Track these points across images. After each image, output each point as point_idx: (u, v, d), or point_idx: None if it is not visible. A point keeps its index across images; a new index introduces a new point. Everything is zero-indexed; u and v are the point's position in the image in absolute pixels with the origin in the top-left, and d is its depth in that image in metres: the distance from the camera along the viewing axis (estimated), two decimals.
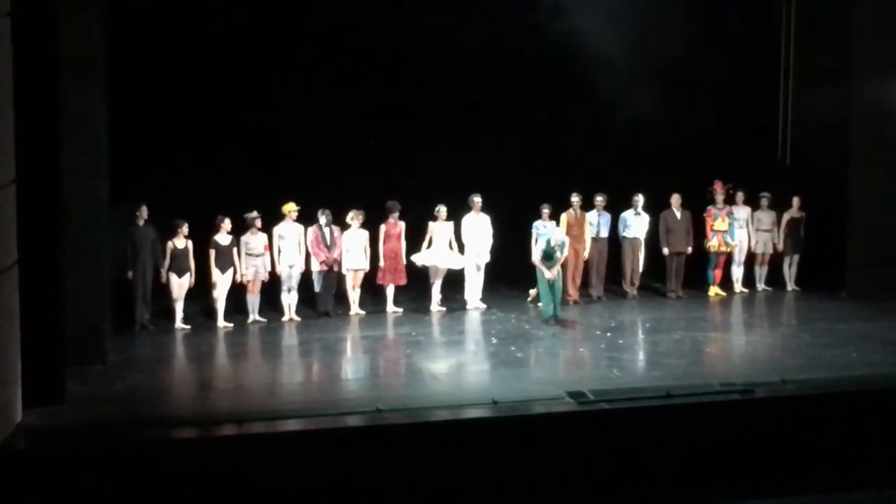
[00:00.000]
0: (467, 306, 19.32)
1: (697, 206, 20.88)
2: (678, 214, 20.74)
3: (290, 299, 18.70)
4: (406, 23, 20.40)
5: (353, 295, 19.15)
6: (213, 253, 18.06)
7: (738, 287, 21.34)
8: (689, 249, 20.82)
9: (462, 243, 19.31)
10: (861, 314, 18.76)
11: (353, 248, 18.87)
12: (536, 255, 18.72)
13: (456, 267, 19.34)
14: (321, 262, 18.66)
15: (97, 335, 15.33)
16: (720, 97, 21.73)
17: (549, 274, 18.41)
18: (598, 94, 20.89)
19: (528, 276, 19.18)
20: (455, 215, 19.32)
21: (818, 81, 21.33)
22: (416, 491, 11.66)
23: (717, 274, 21.11)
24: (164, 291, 18.04)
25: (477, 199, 19.45)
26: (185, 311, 18.12)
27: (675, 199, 20.77)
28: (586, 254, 20.16)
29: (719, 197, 20.78)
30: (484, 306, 19.37)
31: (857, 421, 12.77)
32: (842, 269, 20.54)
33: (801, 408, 13.11)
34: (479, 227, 19.43)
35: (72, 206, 13.66)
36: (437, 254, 19.20)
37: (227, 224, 18.14)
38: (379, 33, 20.57)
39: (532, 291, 19.35)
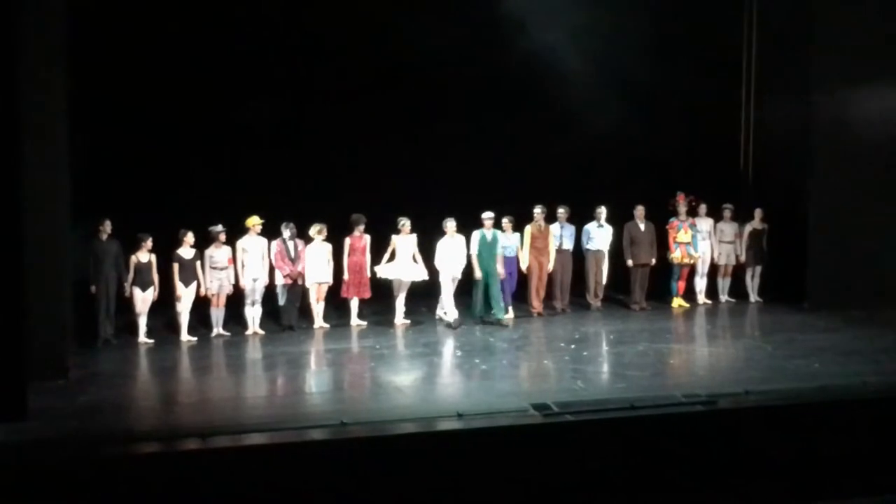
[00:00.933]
0: (450, 320, 19.16)
1: (661, 218, 20.98)
2: (642, 226, 20.84)
3: (254, 313, 18.68)
4: (372, 38, 20.45)
5: (317, 308, 19.15)
6: (176, 267, 18.02)
7: (701, 298, 21.47)
8: (653, 261, 20.93)
9: (436, 268, 19.33)
10: (822, 325, 18.89)
11: (316, 261, 18.86)
12: (474, 248, 19.28)
13: (419, 279, 19.35)
14: (285, 276, 18.65)
15: (59, 350, 15.25)
16: (683, 110, 21.88)
17: (477, 274, 19.05)
18: (561, 107, 21.05)
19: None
20: (418, 227, 19.33)
21: (779, 95, 21.56)
22: None
23: (681, 286, 21.23)
24: (127, 306, 18.00)
25: (451, 224, 19.29)
26: (148, 325, 18.07)
27: (639, 211, 20.88)
28: (550, 266, 20.21)
29: (682, 209, 20.90)
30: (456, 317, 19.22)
31: (819, 431, 12.83)
32: (803, 281, 20.66)
33: (763, 418, 13.16)
34: (454, 251, 19.30)
35: (33, 219, 13.58)
36: (400, 267, 19.20)
37: (189, 238, 18.11)
38: (343, 50, 20.57)
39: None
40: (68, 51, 15.75)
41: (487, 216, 19.52)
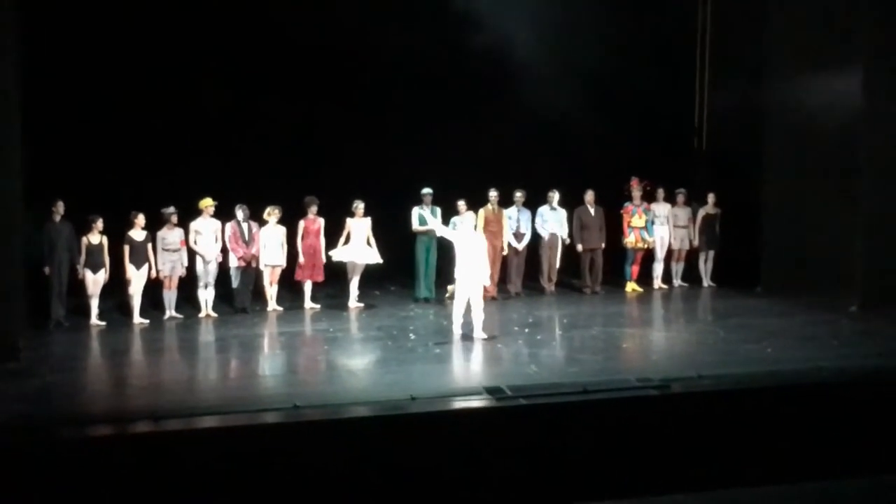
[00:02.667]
0: (454, 334, 16.91)
1: (616, 203, 21.09)
2: (592, 211, 20.91)
3: (206, 295, 18.64)
4: (326, 23, 20.36)
5: (271, 291, 19.14)
6: (127, 249, 17.93)
7: (657, 283, 21.54)
8: (603, 245, 21.01)
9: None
10: (775, 309, 18.96)
11: (270, 244, 18.84)
12: (415, 224, 19.78)
13: (373, 262, 19.34)
14: (239, 258, 18.60)
15: (10, 332, 15.16)
16: (637, 94, 21.91)
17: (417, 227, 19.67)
18: (515, 92, 21.07)
19: (447, 272, 19.24)
20: (372, 211, 19.34)
21: (733, 80, 21.72)
22: (333, 487, 11.63)
23: (635, 270, 21.33)
24: (79, 288, 17.89)
25: (468, 217, 17.98)
26: (100, 307, 18.01)
27: (589, 196, 20.98)
28: (513, 247, 20.32)
29: (636, 193, 21.00)
30: (485, 336, 16.84)
31: (771, 416, 12.88)
32: (757, 265, 20.77)
33: (716, 403, 13.19)
34: (474, 247, 17.14)
35: None
36: (354, 249, 19.18)
37: (140, 219, 18.03)
38: (295, 33, 20.45)
39: (450, 287, 19.37)
40: (20, 26, 15.63)
41: (426, 192, 19.87)
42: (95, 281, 17.84)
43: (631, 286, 21.31)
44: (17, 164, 15.48)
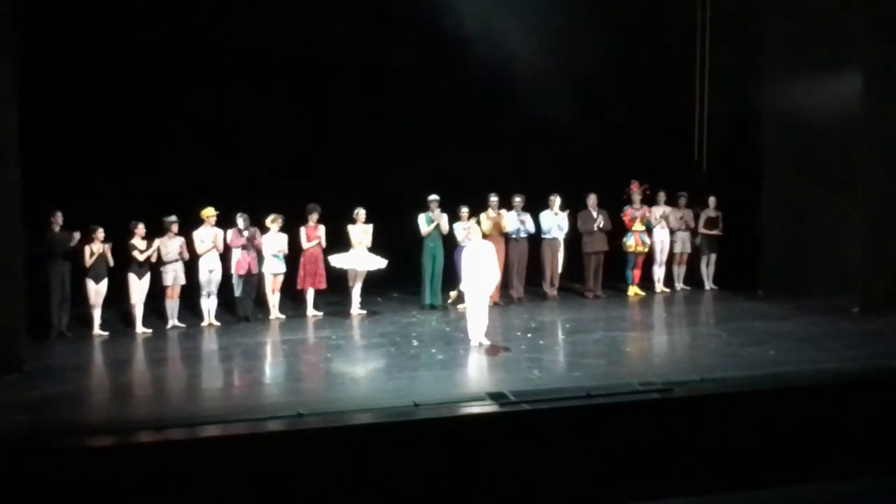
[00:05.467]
0: (472, 344, 16.69)
1: (619, 207, 21.11)
2: (595, 214, 20.87)
3: (209, 304, 18.62)
4: (327, 31, 20.26)
5: (273, 299, 19.11)
6: (137, 255, 17.95)
7: (659, 287, 21.53)
8: (606, 248, 21.00)
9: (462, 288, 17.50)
10: (777, 312, 18.97)
11: (271, 251, 18.82)
12: (423, 228, 19.73)
13: (375, 269, 19.33)
14: (241, 248, 18.53)
15: (13, 343, 15.12)
16: (637, 99, 21.93)
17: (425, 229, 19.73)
18: (515, 96, 21.02)
19: (450, 279, 19.23)
20: (375, 218, 19.35)
21: (732, 82, 21.66)
22: (337, 496, 11.62)
23: (636, 274, 21.32)
24: (81, 298, 17.87)
25: (475, 230, 17.58)
26: (102, 317, 17.98)
27: (592, 199, 20.97)
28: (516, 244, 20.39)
29: (636, 197, 20.99)
30: (488, 343, 16.78)
31: (773, 418, 12.87)
32: (758, 268, 20.77)
33: (719, 406, 13.19)
34: (481, 257, 16.77)
35: None
36: (355, 256, 19.17)
37: (141, 229, 18.01)
38: (296, 40, 20.36)
39: (452, 293, 19.34)
40: (18, 38, 15.60)
41: (433, 199, 19.83)
42: (97, 291, 17.83)
43: (633, 290, 21.31)
44: (17, 175, 15.43)
